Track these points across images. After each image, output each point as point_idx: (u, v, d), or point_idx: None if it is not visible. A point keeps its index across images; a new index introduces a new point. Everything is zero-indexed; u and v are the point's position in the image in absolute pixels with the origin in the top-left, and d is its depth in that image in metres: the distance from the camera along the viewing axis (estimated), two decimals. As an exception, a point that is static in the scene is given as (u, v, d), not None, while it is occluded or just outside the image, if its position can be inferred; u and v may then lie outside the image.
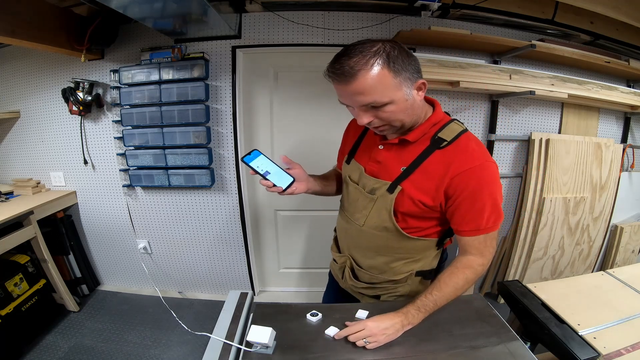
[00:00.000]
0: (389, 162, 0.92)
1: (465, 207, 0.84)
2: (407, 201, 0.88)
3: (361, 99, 0.77)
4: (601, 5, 1.68)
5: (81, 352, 1.85)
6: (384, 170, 0.92)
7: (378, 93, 0.76)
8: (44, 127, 2.17)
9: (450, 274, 0.89)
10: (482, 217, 0.85)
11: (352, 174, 1.02)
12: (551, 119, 2.17)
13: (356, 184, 0.99)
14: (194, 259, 2.35)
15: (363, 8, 1.90)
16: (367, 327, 0.83)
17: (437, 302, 0.87)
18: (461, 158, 0.83)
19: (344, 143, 1.15)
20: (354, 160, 1.03)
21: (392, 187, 0.88)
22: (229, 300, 1.04)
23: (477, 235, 0.88)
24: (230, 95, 1.99)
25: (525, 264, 2.22)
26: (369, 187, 0.94)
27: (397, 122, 0.83)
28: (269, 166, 0.93)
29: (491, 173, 0.84)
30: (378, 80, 0.74)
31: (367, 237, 0.99)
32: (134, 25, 1.92)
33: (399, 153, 0.90)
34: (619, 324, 1.02)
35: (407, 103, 0.80)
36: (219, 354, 0.82)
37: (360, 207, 0.97)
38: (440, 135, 0.87)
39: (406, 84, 0.78)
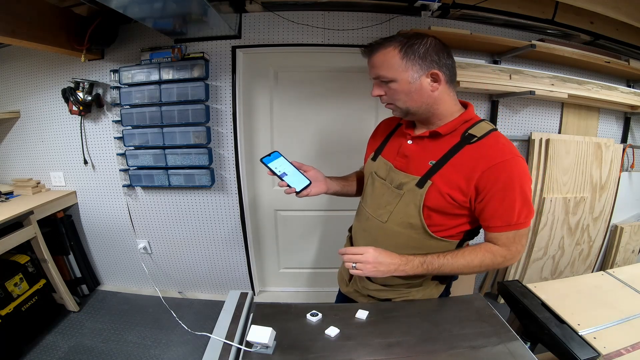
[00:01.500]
0: (417, 156, 0.92)
1: (497, 201, 0.84)
2: (436, 196, 0.87)
3: (374, 71, 0.89)
4: (601, 5, 1.68)
5: (81, 352, 1.85)
6: (412, 165, 0.93)
7: (384, 68, 0.87)
8: (44, 127, 2.17)
9: (472, 251, 0.90)
10: (514, 212, 0.84)
11: (379, 170, 1.01)
12: (551, 119, 2.17)
13: (383, 179, 0.99)
14: (194, 259, 2.35)
15: (363, 8, 1.90)
16: (366, 254, 0.86)
17: (442, 266, 0.88)
18: (491, 152, 0.84)
19: (372, 141, 1.15)
20: (380, 157, 1.03)
21: (422, 182, 0.88)
22: (229, 300, 1.04)
23: (507, 231, 0.87)
24: (230, 95, 1.99)
25: (525, 264, 2.22)
26: (396, 181, 0.94)
27: (400, 102, 0.89)
28: (287, 168, 0.93)
29: (521, 167, 0.84)
30: (389, 58, 0.86)
31: (388, 235, 0.97)
32: (134, 25, 1.92)
33: (428, 147, 0.92)
34: (619, 324, 1.02)
35: (411, 86, 0.86)
36: (219, 354, 0.81)
37: (384, 203, 0.97)
38: (471, 132, 0.88)
39: (414, 69, 0.85)
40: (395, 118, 1.06)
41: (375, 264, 0.86)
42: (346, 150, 2.16)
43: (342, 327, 0.87)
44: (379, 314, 0.93)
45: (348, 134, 2.14)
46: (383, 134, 1.09)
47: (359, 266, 0.86)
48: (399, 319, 0.92)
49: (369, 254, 0.86)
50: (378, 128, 1.16)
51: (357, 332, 0.86)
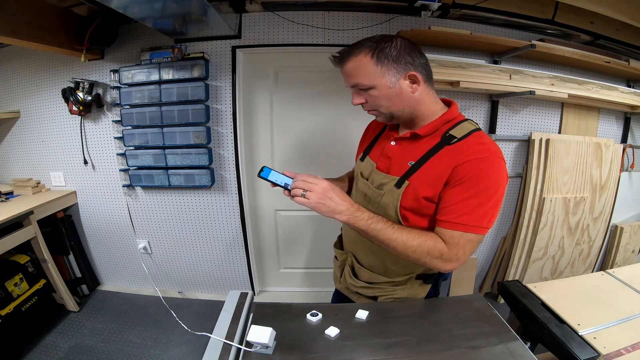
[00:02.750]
0: (399, 157, 0.93)
1: (456, 193, 0.80)
2: (411, 197, 0.87)
3: (349, 80, 0.88)
4: (601, 5, 1.68)
5: (81, 352, 1.85)
6: (393, 166, 0.94)
7: (360, 76, 0.85)
8: (44, 127, 2.17)
9: (417, 233, 0.83)
10: (470, 212, 0.78)
11: (364, 171, 1.03)
12: (551, 119, 2.17)
13: (366, 179, 1.01)
14: (194, 259, 2.36)
15: (363, 8, 1.90)
16: (319, 184, 0.82)
17: (382, 230, 0.82)
18: (469, 150, 0.81)
19: (362, 142, 1.16)
20: (367, 157, 1.05)
21: (400, 182, 0.88)
22: (229, 300, 1.04)
23: (454, 229, 0.80)
24: (230, 95, 1.99)
25: (525, 264, 2.22)
26: (377, 182, 0.95)
27: (382, 107, 0.88)
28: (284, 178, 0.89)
29: (497, 168, 0.80)
30: (361, 65, 0.84)
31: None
32: (134, 25, 1.92)
33: (409, 148, 0.92)
34: (619, 324, 1.02)
35: (391, 91, 0.85)
36: (219, 354, 0.81)
37: (365, 203, 0.98)
38: (452, 133, 0.87)
39: (390, 73, 0.84)
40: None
41: (323, 196, 0.81)
42: (346, 150, 2.15)
43: (342, 327, 0.87)
44: (379, 314, 0.93)
45: (348, 133, 2.14)
46: (372, 135, 1.10)
47: (307, 194, 0.81)
48: (399, 319, 0.92)
49: (321, 186, 0.82)
50: (368, 128, 1.17)
51: (357, 332, 0.86)
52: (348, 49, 0.86)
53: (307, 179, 0.84)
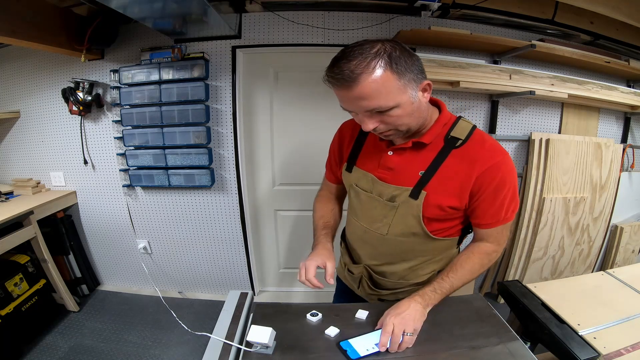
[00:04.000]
0: (404, 168, 0.88)
1: (489, 202, 0.84)
2: (433, 206, 0.85)
3: (365, 104, 0.73)
4: (601, 5, 1.68)
5: (81, 352, 1.85)
6: (400, 176, 0.88)
7: (383, 97, 0.72)
8: (44, 127, 2.17)
9: (467, 259, 0.90)
10: (503, 209, 0.86)
11: (360, 182, 0.96)
12: (551, 119, 2.17)
13: (369, 192, 0.94)
14: (194, 259, 2.36)
15: (363, 8, 1.90)
16: (395, 327, 0.78)
17: (453, 284, 0.87)
18: (482, 154, 0.82)
19: (338, 150, 1.06)
20: (356, 167, 0.97)
21: (416, 193, 0.85)
22: (229, 300, 1.03)
23: (497, 226, 0.89)
24: (230, 95, 1.99)
25: (525, 264, 2.22)
26: (387, 194, 0.90)
27: (403, 126, 0.79)
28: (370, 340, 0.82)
29: (511, 166, 0.84)
30: (381, 83, 0.71)
31: (391, 245, 0.95)
32: (134, 25, 1.92)
33: (413, 157, 0.87)
34: (619, 324, 1.02)
35: (414, 106, 0.77)
36: (219, 354, 0.81)
37: (379, 216, 0.93)
38: (453, 135, 0.85)
39: (411, 86, 0.75)
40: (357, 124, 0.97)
41: (409, 319, 0.79)
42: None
43: (342, 327, 0.87)
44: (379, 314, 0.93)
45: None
46: (350, 141, 1.01)
47: (405, 343, 0.79)
48: (399, 319, 0.92)
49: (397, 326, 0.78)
50: (342, 134, 1.06)
51: (357, 332, 0.86)
52: (353, 66, 0.70)
53: (393, 341, 0.77)
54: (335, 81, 0.73)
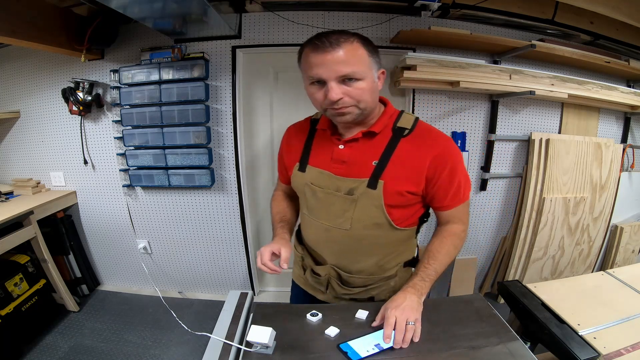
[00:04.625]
0: (357, 159, 0.91)
1: (447, 184, 0.90)
2: (392, 194, 0.89)
3: (341, 68, 0.79)
4: (601, 5, 1.68)
5: (81, 352, 1.85)
6: (354, 169, 0.91)
7: (356, 65, 0.80)
8: (44, 127, 2.17)
9: (440, 243, 0.95)
10: (461, 190, 0.93)
11: (315, 180, 0.96)
12: (551, 119, 2.17)
13: (325, 188, 0.94)
14: (194, 259, 2.36)
15: (363, 8, 1.90)
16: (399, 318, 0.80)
17: (436, 269, 0.91)
18: (430, 142, 0.89)
19: (287, 152, 1.07)
20: (309, 166, 0.97)
21: (373, 183, 0.88)
22: (229, 300, 1.03)
23: (458, 205, 0.95)
24: (230, 95, 1.99)
25: (525, 264, 2.22)
26: (344, 188, 0.91)
27: (363, 103, 0.84)
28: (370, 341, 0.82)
29: (457, 149, 0.93)
30: (357, 54, 0.80)
31: (356, 239, 0.96)
32: (134, 25, 1.92)
33: (364, 148, 0.91)
34: (619, 324, 1.02)
35: (374, 85, 0.85)
36: (219, 354, 0.81)
37: (339, 211, 0.94)
38: (400, 125, 0.91)
39: (375, 68, 0.85)
40: (304, 125, 1.05)
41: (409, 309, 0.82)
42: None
43: (342, 327, 0.87)
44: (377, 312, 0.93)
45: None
46: (299, 143, 1.02)
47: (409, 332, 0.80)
48: (399, 319, 0.92)
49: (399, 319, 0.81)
50: (289, 137, 1.09)
51: (357, 332, 0.86)
52: (336, 37, 0.79)
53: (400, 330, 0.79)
54: (317, 46, 0.79)
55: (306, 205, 1.02)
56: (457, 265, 2.28)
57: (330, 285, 1.06)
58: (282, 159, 1.11)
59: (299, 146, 1.02)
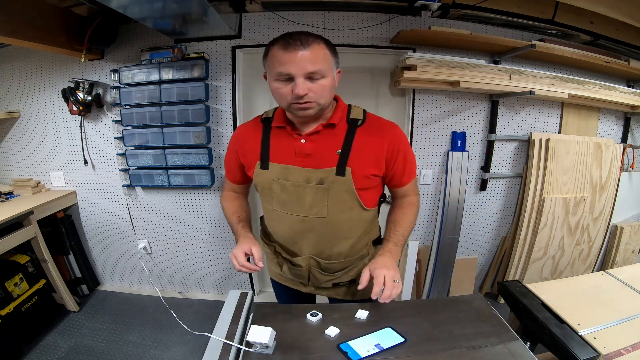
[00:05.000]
0: (320, 151, 0.97)
1: (403, 164, 1.03)
2: (360, 178, 0.97)
3: (309, 66, 0.85)
4: (601, 5, 1.68)
5: (81, 352, 1.85)
6: (319, 160, 0.97)
7: (322, 64, 0.87)
8: (44, 127, 2.17)
9: (402, 213, 1.08)
10: (413, 167, 1.07)
11: (281, 175, 0.99)
12: (551, 119, 2.17)
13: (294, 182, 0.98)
14: (194, 259, 2.36)
15: (363, 8, 1.90)
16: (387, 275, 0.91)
17: (404, 235, 1.04)
18: (383, 129, 1.00)
19: (243, 153, 1.07)
20: (271, 163, 1.00)
21: (341, 171, 0.95)
22: (229, 300, 1.03)
23: (410, 181, 1.08)
24: (230, 95, 1.99)
25: (525, 264, 2.22)
26: (315, 179, 0.96)
27: (323, 99, 0.91)
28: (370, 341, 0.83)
29: (404, 134, 1.05)
30: (324, 54, 0.88)
31: (333, 226, 1.02)
32: (134, 25, 1.92)
33: (325, 140, 0.98)
34: (619, 324, 1.02)
35: (333, 83, 0.93)
36: (219, 354, 0.81)
37: (314, 201, 0.98)
38: (352, 117, 1.01)
39: (334, 68, 0.93)
40: (256, 124, 1.07)
41: (394, 269, 0.94)
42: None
43: (342, 327, 0.87)
44: (379, 314, 0.93)
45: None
46: (255, 142, 1.03)
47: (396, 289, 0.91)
48: (399, 319, 0.92)
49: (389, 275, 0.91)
50: (242, 138, 1.08)
51: (357, 332, 0.86)
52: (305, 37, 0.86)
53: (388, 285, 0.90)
54: (289, 44, 0.85)
55: (276, 201, 1.04)
56: (457, 265, 2.28)
57: (311, 274, 1.10)
58: (234, 160, 1.12)
59: (255, 145, 1.04)
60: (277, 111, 1.04)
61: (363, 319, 0.91)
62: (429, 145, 2.10)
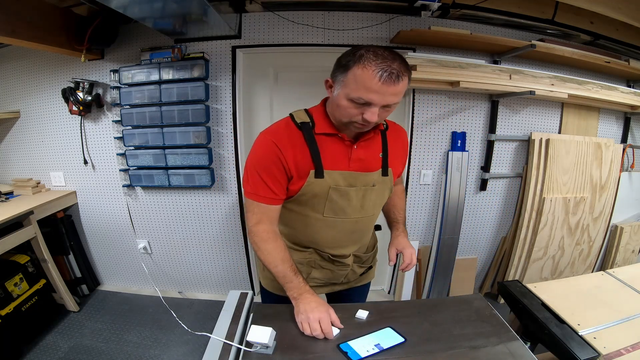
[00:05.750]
0: (368, 156, 1.02)
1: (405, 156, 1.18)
2: (395, 176, 1.11)
3: (392, 99, 0.84)
4: (601, 5, 1.68)
5: (81, 352, 1.85)
6: (369, 163, 1.02)
7: (400, 97, 0.87)
8: (44, 127, 2.17)
9: (399, 199, 1.25)
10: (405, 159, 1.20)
11: (340, 182, 0.97)
12: (551, 119, 2.17)
13: (357, 186, 1.00)
14: (194, 259, 2.36)
15: (363, 8, 1.90)
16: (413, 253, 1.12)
17: (404, 216, 1.24)
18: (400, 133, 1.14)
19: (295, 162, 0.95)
20: (326, 171, 0.96)
21: (385, 171, 1.05)
22: (229, 300, 1.04)
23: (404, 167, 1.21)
24: (230, 95, 1.99)
25: (525, 264, 2.22)
26: (370, 181, 1.02)
27: (382, 120, 0.96)
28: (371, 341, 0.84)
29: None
30: (405, 88, 0.86)
31: (372, 221, 1.15)
32: (134, 25, 1.92)
33: (371, 146, 1.03)
34: (619, 324, 1.02)
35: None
36: (219, 354, 0.81)
37: (368, 202, 1.05)
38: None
39: None
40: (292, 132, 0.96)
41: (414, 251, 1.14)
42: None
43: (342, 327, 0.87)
44: (379, 313, 0.94)
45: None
46: (302, 150, 0.95)
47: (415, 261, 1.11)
48: (399, 319, 0.92)
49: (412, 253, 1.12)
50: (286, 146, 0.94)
51: (357, 332, 0.86)
52: (399, 65, 0.81)
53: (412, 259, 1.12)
54: (387, 76, 0.80)
55: (329, 209, 1.00)
56: (457, 265, 2.28)
57: (351, 270, 1.16)
58: (279, 173, 0.95)
59: (304, 153, 0.95)
60: (317, 116, 0.98)
61: (363, 319, 0.91)
62: (429, 145, 2.10)
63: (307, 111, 1.02)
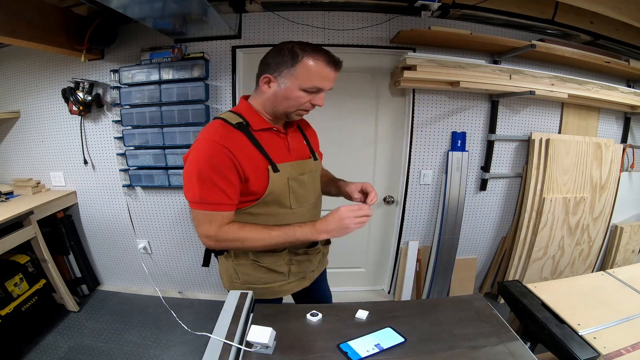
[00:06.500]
0: (298, 144, 1.12)
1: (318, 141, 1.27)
2: (320, 158, 1.22)
3: (333, 84, 1.00)
4: (601, 5, 1.68)
5: (81, 352, 1.85)
6: (302, 152, 1.12)
7: None
8: (44, 127, 2.17)
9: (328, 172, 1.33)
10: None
11: (293, 172, 1.04)
12: (551, 119, 2.17)
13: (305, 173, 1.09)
14: (194, 259, 2.35)
15: (363, 8, 1.90)
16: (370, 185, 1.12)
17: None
18: (304, 120, 1.19)
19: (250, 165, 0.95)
20: (278, 164, 0.99)
21: (314, 156, 1.15)
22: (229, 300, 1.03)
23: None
24: (230, 95, 1.99)
25: (525, 264, 2.22)
26: (312, 167, 1.12)
27: None
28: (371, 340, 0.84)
29: None
30: None
31: (321, 202, 1.21)
32: (134, 25, 1.92)
33: (295, 136, 1.12)
34: (619, 324, 1.02)
35: None
36: (219, 354, 0.81)
37: (316, 185, 1.16)
38: None
39: None
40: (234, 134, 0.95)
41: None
42: (345, 149, 2.16)
43: (342, 327, 0.87)
44: (378, 313, 0.94)
45: (347, 133, 2.14)
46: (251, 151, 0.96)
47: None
48: (399, 319, 0.92)
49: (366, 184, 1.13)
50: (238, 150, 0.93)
51: (357, 332, 0.86)
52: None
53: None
54: (335, 63, 0.96)
55: (293, 200, 1.04)
56: (457, 265, 2.28)
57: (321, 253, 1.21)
58: (235, 179, 0.93)
59: (253, 153, 0.96)
60: (248, 115, 0.99)
61: (363, 319, 0.91)
62: (429, 145, 2.10)
63: (234, 112, 1.01)
